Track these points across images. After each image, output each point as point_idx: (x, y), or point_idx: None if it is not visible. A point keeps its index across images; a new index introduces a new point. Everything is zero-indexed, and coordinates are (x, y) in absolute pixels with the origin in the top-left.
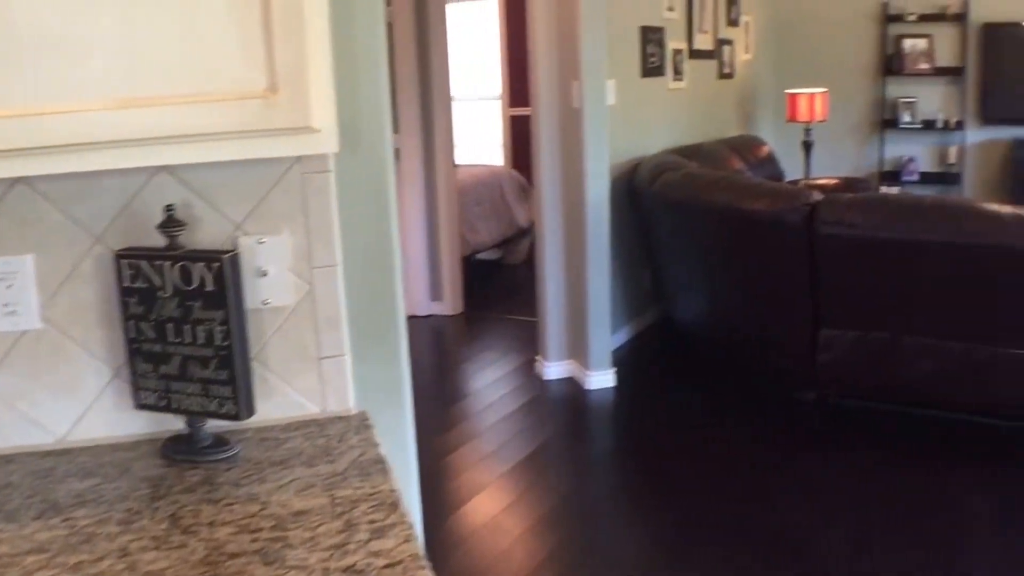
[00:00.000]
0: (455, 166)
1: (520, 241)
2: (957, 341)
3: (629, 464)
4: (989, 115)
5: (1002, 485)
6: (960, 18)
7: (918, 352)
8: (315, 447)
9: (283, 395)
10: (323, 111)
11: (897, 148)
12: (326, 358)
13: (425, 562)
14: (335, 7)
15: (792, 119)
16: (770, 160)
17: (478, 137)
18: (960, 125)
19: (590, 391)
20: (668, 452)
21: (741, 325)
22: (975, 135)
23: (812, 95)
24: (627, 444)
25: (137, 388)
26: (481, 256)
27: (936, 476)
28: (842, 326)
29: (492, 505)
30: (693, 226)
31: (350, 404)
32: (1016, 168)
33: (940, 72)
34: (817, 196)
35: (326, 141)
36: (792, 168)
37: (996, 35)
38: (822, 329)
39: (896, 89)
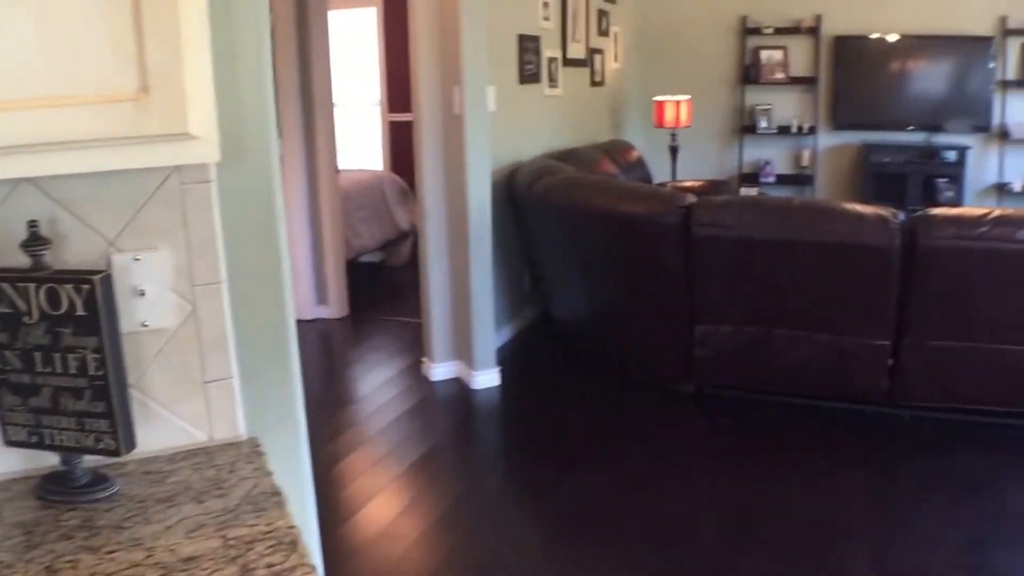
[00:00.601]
0: (337, 171)
1: (402, 243)
2: (824, 333)
3: (518, 462)
4: (839, 121)
5: (870, 467)
6: (813, 31)
7: (788, 344)
8: (204, 479)
9: (167, 423)
10: (202, 116)
11: (755, 152)
12: (212, 382)
13: None
14: (214, 5)
15: (659, 125)
16: (640, 164)
17: (359, 142)
18: (813, 130)
19: (476, 391)
20: (554, 448)
21: (621, 323)
22: (826, 139)
23: (677, 102)
24: (515, 442)
25: (5, 423)
26: (364, 259)
27: (810, 460)
28: (717, 321)
29: (386, 511)
30: (573, 228)
31: (240, 430)
32: (863, 170)
33: (795, 81)
34: (692, 199)
35: (206, 149)
36: (659, 171)
37: (846, 47)
38: (698, 325)
39: (754, 97)
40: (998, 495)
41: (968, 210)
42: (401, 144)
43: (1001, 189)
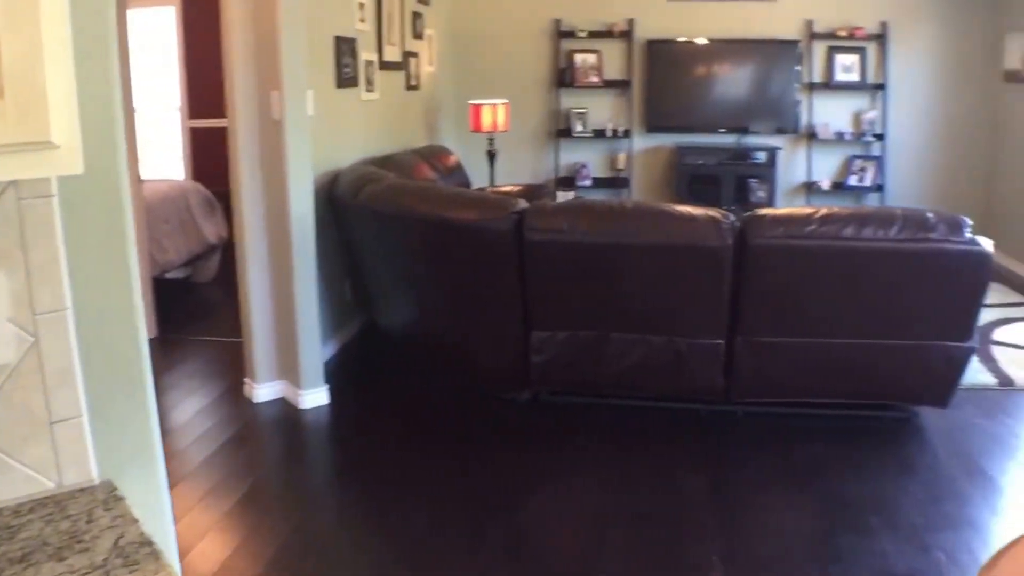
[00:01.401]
0: (140, 181)
1: (210, 258)
2: (660, 334)
3: (354, 484)
4: (653, 124)
5: (713, 465)
6: (626, 35)
7: (625, 347)
8: (60, 533)
9: (9, 471)
10: (64, 122)
11: (571, 155)
12: (59, 422)
13: None
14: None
15: (476, 129)
16: (459, 169)
17: (157, 150)
18: (628, 133)
19: (305, 411)
20: (392, 465)
21: (454, 331)
22: (641, 142)
23: (494, 106)
24: (350, 462)
25: None
26: (170, 275)
27: (653, 461)
28: (553, 327)
29: (218, 550)
30: (402, 236)
31: (92, 473)
32: (678, 171)
33: (609, 85)
34: (523, 204)
35: (69, 160)
36: (477, 176)
37: (658, 51)
38: (533, 331)
39: (569, 100)
40: (836, 483)
41: (796, 210)
42: (205, 152)
43: (810, 188)
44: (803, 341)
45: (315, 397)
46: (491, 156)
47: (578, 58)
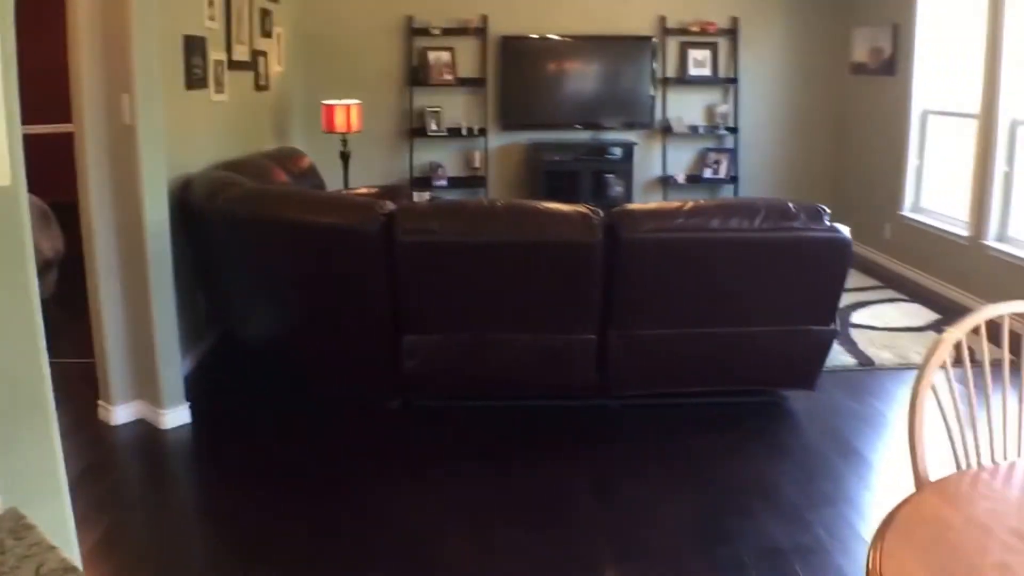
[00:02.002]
0: None
1: (47, 274)
2: (535, 333)
3: (226, 506)
4: (509, 121)
5: (594, 460)
6: (480, 32)
7: (500, 347)
8: None
9: None
10: None
11: (426, 155)
12: None
13: None
14: None
15: (328, 130)
16: (312, 171)
17: None
18: (483, 131)
19: (166, 431)
20: (261, 487)
21: (321, 339)
22: (497, 140)
23: (347, 106)
24: (220, 486)
25: None
26: None
27: (535, 461)
28: (425, 330)
29: None
30: (264, 243)
31: None
32: (535, 169)
33: (463, 83)
34: (391, 206)
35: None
36: (331, 178)
37: (512, 48)
38: (405, 336)
39: (423, 99)
40: (716, 470)
41: (664, 204)
42: (37, 160)
43: (666, 182)
44: (675, 332)
45: (177, 416)
46: (344, 158)
47: (431, 56)
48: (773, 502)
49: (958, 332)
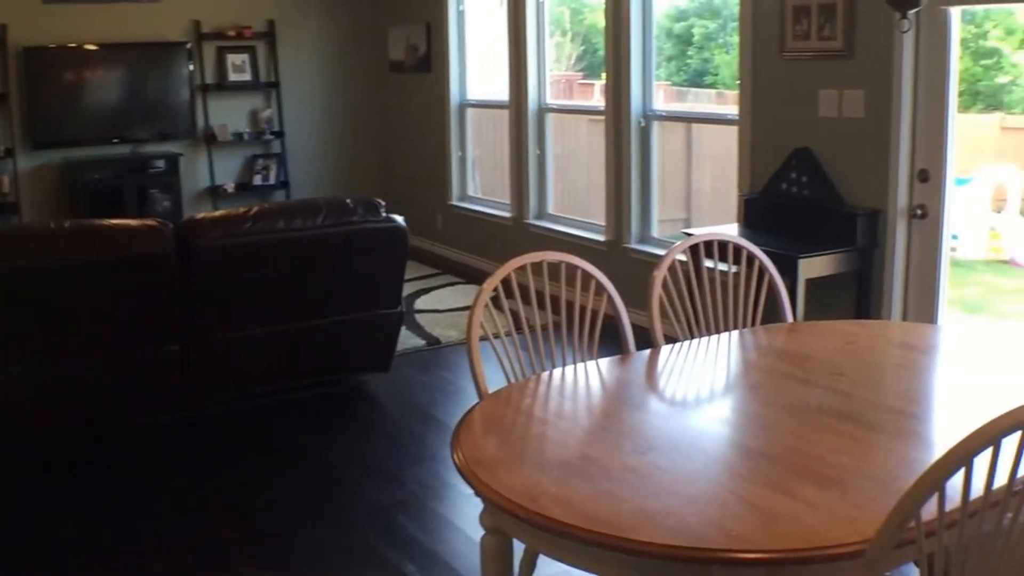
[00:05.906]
0: None
1: None
2: (115, 351)
3: None
4: (39, 140)
5: (197, 475)
6: None
7: (80, 372)
8: None
9: None
10: None
11: None
12: None
13: None
14: None
15: None
16: None
17: None
18: (11, 153)
19: None
20: None
21: None
22: (27, 161)
23: None
24: None
25: None
26: None
27: (136, 489)
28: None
29: None
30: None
31: None
32: (73, 189)
33: None
34: None
35: None
36: None
37: (38, 59)
38: None
39: None
40: (316, 454)
41: (231, 211)
42: None
43: (216, 192)
44: (257, 332)
45: None
46: None
47: None
48: (369, 470)
49: (495, 279)
